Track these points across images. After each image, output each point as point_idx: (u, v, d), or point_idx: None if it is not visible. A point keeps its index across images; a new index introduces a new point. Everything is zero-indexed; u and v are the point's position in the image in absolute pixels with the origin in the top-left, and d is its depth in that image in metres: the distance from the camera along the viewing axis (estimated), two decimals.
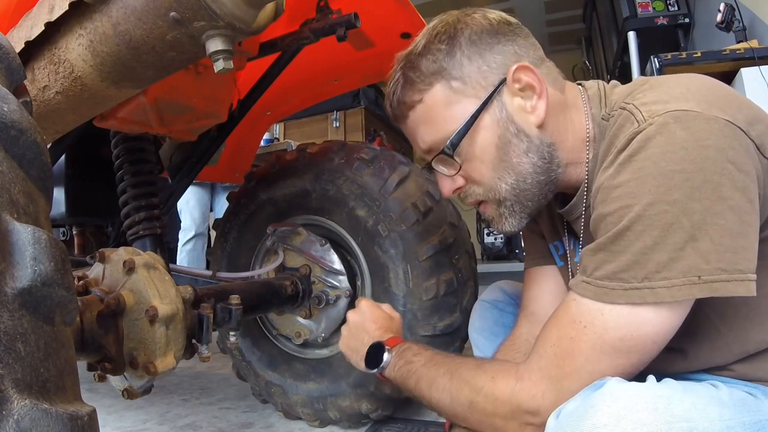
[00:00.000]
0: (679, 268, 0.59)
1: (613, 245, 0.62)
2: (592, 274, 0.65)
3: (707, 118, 0.60)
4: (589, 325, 0.64)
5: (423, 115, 0.77)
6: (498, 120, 0.74)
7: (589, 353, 0.64)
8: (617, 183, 0.63)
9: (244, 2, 0.70)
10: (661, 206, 0.59)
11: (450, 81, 0.74)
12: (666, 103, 0.63)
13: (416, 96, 0.76)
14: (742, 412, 0.61)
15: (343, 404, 1.31)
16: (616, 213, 0.62)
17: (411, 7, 1.22)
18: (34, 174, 0.44)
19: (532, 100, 0.73)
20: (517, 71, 0.72)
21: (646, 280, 0.60)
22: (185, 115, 1.16)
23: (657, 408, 0.56)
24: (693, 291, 0.59)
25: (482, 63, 0.73)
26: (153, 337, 0.80)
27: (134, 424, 1.49)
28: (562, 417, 0.62)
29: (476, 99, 0.74)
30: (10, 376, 0.33)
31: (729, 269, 0.58)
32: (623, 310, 0.62)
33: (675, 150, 0.59)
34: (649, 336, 0.63)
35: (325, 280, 1.33)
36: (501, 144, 0.74)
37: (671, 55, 2.30)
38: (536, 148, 0.74)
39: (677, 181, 0.59)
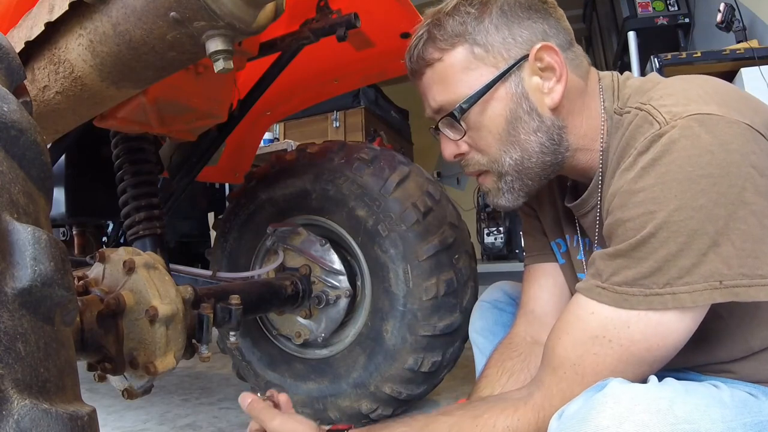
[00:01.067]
0: (700, 273, 0.58)
1: (635, 252, 0.61)
2: (608, 279, 0.63)
3: (729, 121, 0.59)
4: (615, 339, 0.62)
5: (440, 74, 0.76)
6: (513, 94, 0.73)
7: (615, 366, 0.63)
8: (639, 188, 0.61)
9: (244, 2, 0.70)
10: (688, 212, 0.58)
11: (473, 46, 0.73)
12: (686, 105, 0.62)
13: (436, 54, 0.75)
14: (743, 413, 0.61)
15: (343, 404, 1.31)
16: (638, 219, 0.61)
17: (411, 7, 1.22)
18: (34, 174, 0.44)
19: (551, 82, 0.73)
20: (541, 50, 0.72)
21: (668, 285, 0.59)
22: (185, 115, 1.16)
23: (659, 409, 0.56)
24: (714, 296, 0.58)
25: (508, 35, 0.72)
26: (153, 337, 0.80)
27: (134, 424, 1.49)
28: (564, 419, 0.61)
29: (495, 69, 0.73)
30: (10, 376, 0.33)
31: (750, 274, 0.58)
32: (650, 320, 0.61)
33: (701, 154, 0.58)
34: (673, 344, 0.62)
35: (325, 280, 1.33)
36: (511, 118, 0.74)
37: (671, 55, 2.30)
38: (546, 128, 0.74)
39: (704, 186, 0.57)
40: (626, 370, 0.63)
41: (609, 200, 0.66)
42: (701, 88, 0.65)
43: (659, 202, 0.59)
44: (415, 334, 1.22)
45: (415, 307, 1.22)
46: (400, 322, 1.23)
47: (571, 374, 0.65)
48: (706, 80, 0.68)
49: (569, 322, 0.67)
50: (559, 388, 0.66)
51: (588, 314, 0.65)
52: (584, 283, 0.67)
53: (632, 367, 0.63)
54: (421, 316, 1.22)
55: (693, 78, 0.70)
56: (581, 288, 0.67)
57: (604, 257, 0.65)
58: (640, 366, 0.63)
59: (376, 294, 1.28)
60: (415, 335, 1.22)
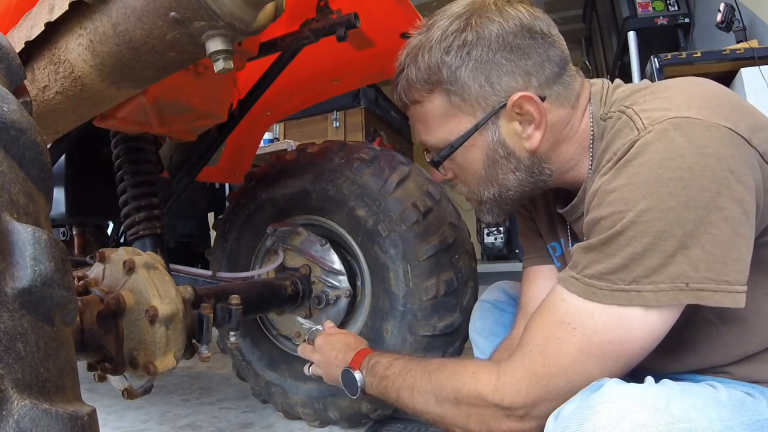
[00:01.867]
0: (667, 274, 0.59)
1: (605, 247, 0.63)
2: (581, 271, 0.65)
3: (708, 125, 0.59)
4: (578, 327, 0.64)
5: (421, 116, 0.78)
6: (489, 143, 0.75)
7: (576, 355, 0.64)
8: (612, 188, 0.63)
9: (244, 2, 0.70)
10: (655, 213, 0.59)
11: (450, 95, 0.73)
12: (666, 110, 0.63)
13: (416, 96, 0.77)
14: (740, 413, 0.61)
15: (343, 404, 1.31)
16: (609, 217, 0.62)
17: (411, 7, 1.22)
18: (34, 174, 0.44)
19: (530, 128, 0.73)
20: (520, 100, 0.71)
21: (634, 283, 0.60)
22: (185, 115, 1.16)
23: (656, 409, 0.56)
24: (679, 297, 0.59)
25: (485, 83, 0.71)
26: (153, 337, 0.80)
27: (134, 424, 1.49)
28: (561, 419, 0.62)
29: (473, 117, 0.74)
30: (10, 376, 0.33)
31: (717, 279, 0.58)
32: (613, 314, 0.62)
33: (673, 157, 0.59)
34: (637, 341, 0.63)
35: (325, 280, 1.33)
36: (488, 163, 0.76)
37: (671, 55, 2.30)
38: (525, 167, 0.76)
39: (673, 189, 0.58)
40: (588, 361, 0.64)
41: (588, 201, 0.68)
42: (688, 92, 0.65)
43: (628, 202, 0.60)
44: (415, 334, 1.22)
45: (415, 307, 1.22)
46: (400, 322, 1.23)
47: (536, 353, 0.67)
48: (696, 84, 0.68)
49: (543, 306, 0.70)
50: (522, 363, 0.69)
51: (559, 301, 0.67)
52: (563, 274, 0.69)
53: (594, 359, 0.64)
54: (421, 316, 1.22)
55: (685, 81, 0.69)
56: (560, 277, 0.69)
57: (580, 250, 0.66)
58: (602, 360, 0.64)
59: (376, 294, 1.28)
60: (415, 335, 1.22)
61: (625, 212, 0.60)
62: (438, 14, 0.76)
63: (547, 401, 0.67)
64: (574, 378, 0.65)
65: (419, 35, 0.77)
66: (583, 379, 0.64)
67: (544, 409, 0.67)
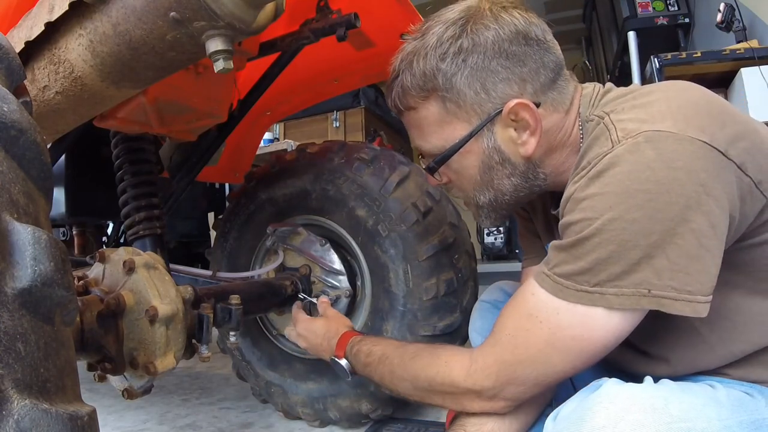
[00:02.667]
0: (630, 280, 0.61)
1: (573, 249, 0.65)
2: (552, 268, 0.67)
3: (680, 138, 0.60)
4: (545, 321, 0.67)
5: (416, 122, 0.79)
6: (484, 149, 0.75)
7: (542, 347, 0.67)
8: (584, 196, 0.64)
9: (244, 2, 0.70)
10: (620, 223, 0.60)
11: (445, 101, 0.74)
12: (642, 123, 0.63)
13: (411, 102, 0.77)
14: (739, 412, 0.62)
15: (343, 404, 1.31)
16: (579, 223, 0.64)
17: (411, 7, 1.22)
18: (34, 174, 0.44)
19: (525, 135, 0.73)
20: (515, 107, 0.71)
21: (598, 286, 0.62)
22: (185, 115, 1.16)
23: (655, 409, 0.56)
24: (642, 302, 0.61)
25: (480, 89, 0.72)
26: (153, 337, 0.80)
27: (134, 424, 1.49)
28: (559, 420, 0.62)
29: (468, 124, 0.74)
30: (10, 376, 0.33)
31: (679, 288, 0.60)
32: (577, 312, 0.64)
33: (641, 170, 0.60)
34: (599, 339, 0.65)
35: (325, 280, 1.33)
36: (484, 169, 0.77)
37: (671, 55, 2.30)
38: (521, 173, 0.76)
39: (639, 201, 0.59)
40: (552, 353, 0.67)
41: (563, 205, 0.70)
42: (667, 101, 0.65)
43: (597, 210, 0.62)
44: (415, 334, 1.22)
45: (415, 307, 1.22)
46: (400, 322, 1.23)
47: (506, 342, 0.71)
48: (679, 91, 0.68)
49: (517, 296, 0.73)
50: (493, 350, 0.73)
51: (530, 294, 0.70)
52: (537, 267, 0.72)
53: (558, 352, 0.67)
54: (421, 316, 1.22)
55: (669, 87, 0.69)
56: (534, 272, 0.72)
57: (553, 248, 0.69)
58: (566, 353, 0.66)
59: (376, 294, 1.28)
60: (415, 335, 1.22)
61: (593, 219, 0.62)
62: (433, 19, 0.76)
63: (515, 386, 0.71)
64: (539, 367, 0.69)
65: (414, 41, 0.76)
66: (547, 368, 0.68)
67: (512, 391, 0.72)
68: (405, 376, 0.84)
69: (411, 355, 0.85)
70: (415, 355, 0.84)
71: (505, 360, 0.71)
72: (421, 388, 0.82)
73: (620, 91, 0.75)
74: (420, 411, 1.42)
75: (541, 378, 0.69)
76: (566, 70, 0.76)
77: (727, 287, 0.66)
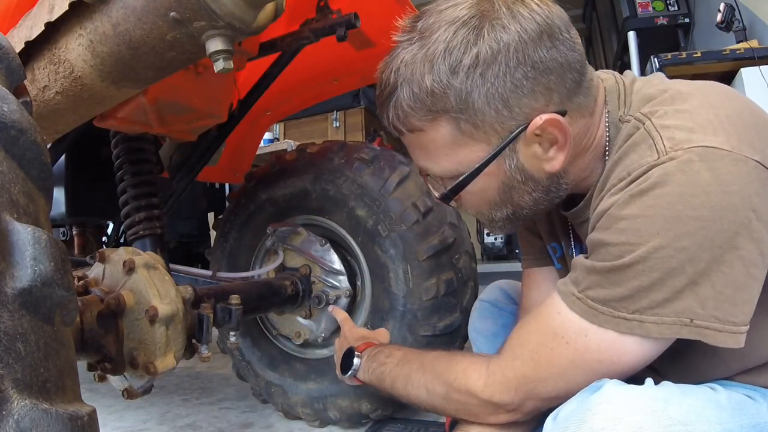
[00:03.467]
0: (672, 308, 0.57)
1: (610, 275, 0.60)
2: (584, 291, 0.63)
3: (736, 159, 0.55)
4: (572, 342, 0.64)
5: (422, 144, 0.67)
6: (505, 170, 0.65)
7: (566, 367, 0.65)
8: (624, 215, 0.58)
9: (244, 2, 0.70)
10: (668, 251, 0.56)
11: (459, 122, 0.62)
12: (691, 133, 0.57)
13: (415, 124, 0.65)
14: (740, 416, 0.61)
15: (343, 404, 1.31)
16: (618, 246, 0.59)
17: (411, 7, 1.22)
18: (34, 174, 0.44)
19: (551, 151, 0.64)
20: (543, 124, 0.61)
21: (637, 313, 0.59)
22: (185, 115, 1.16)
23: (654, 411, 0.56)
24: (682, 332, 0.58)
25: (503, 108, 0.61)
26: (153, 337, 0.80)
27: (134, 424, 1.49)
28: (559, 420, 0.62)
29: (486, 145, 0.63)
30: (10, 376, 0.33)
31: (723, 320, 0.57)
32: (607, 336, 0.62)
33: (696, 194, 0.55)
34: (627, 363, 0.63)
35: (325, 280, 1.33)
36: (503, 189, 0.68)
37: (671, 55, 2.30)
38: (543, 188, 0.68)
39: (691, 228, 0.55)
40: (577, 375, 0.65)
41: (596, 218, 0.64)
42: (714, 109, 0.59)
43: (641, 236, 0.57)
44: (415, 334, 1.22)
45: (415, 307, 1.22)
46: (400, 322, 1.23)
47: (528, 358, 0.68)
48: (720, 95, 0.62)
49: (540, 312, 0.70)
50: (513, 365, 0.70)
51: (555, 313, 0.66)
52: (563, 285, 0.67)
53: (583, 373, 0.64)
54: (421, 316, 1.22)
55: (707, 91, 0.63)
56: (560, 288, 0.68)
57: (584, 269, 0.64)
58: (591, 374, 0.64)
59: (376, 294, 1.28)
60: (415, 335, 1.22)
61: (637, 245, 0.57)
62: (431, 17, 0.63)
63: (534, 401, 0.69)
64: (561, 386, 0.66)
65: (410, 45, 0.63)
66: (569, 387, 0.65)
67: (530, 406, 0.70)
68: (421, 381, 0.81)
69: (430, 360, 0.82)
70: (434, 360, 0.82)
71: (526, 376, 0.68)
72: (436, 394, 0.78)
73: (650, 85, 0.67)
74: (420, 411, 1.42)
75: (562, 393, 0.66)
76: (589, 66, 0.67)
77: None
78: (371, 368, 0.93)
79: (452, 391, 0.76)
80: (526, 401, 0.69)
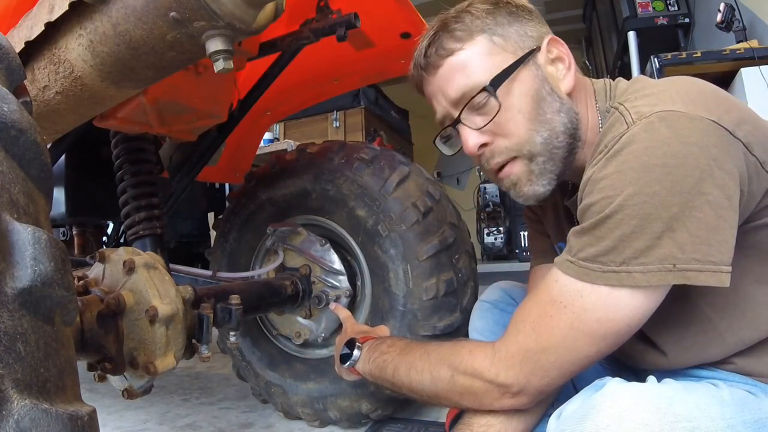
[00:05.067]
0: (655, 255, 0.62)
1: (595, 230, 0.65)
2: (576, 254, 0.68)
3: (691, 117, 0.63)
4: (569, 305, 0.67)
5: (462, 62, 0.78)
6: (535, 76, 0.77)
7: (567, 331, 0.67)
8: (602, 175, 0.65)
9: (244, 2, 0.70)
10: (641, 197, 0.61)
11: (492, 36, 0.78)
12: (654, 105, 0.66)
13: (457, 44, 0.78)
14: (743, 411, 0.62)
15: (343, 404, 1.31)
16: (599, 203, 0.65)
17: (411, 7, 1.22)
18: (34, 174, 0.44)
19: (563, 70, 0.79)
20: (551, 42, 0.79)
21: (624, 264, 0.63)
22: (185, 115, 1.16)
23: (659, 408, 0.56)
24: (668, 277, 0.61)
25: (520, 28, 0.79)
26: (153, 337, 0.80)
27: (134, 424, 1.49)
28: (563, 418, 0.62)
29: (514, 56, 0.78)
30: (10, 376, 0.33)
31: (702, 260, 0.60)
32: (601, 293, 0.65)
33: (657, 145, 0.62)
34: (624, 319, 0.65)
35: (325, 280, 1.33)
36: (537, 98, 0.77)
37: (671, 55, 2.31)
38: (567, 110, 0.77)
39: (658, 175, 0.61)
40: (577, 338, 0.67)
41: (581, 189, 0.71)
42: (676, 89, 0.68)
43: (616, 188, 0.63)
44: (415, 334, 1.22)
45: (415, 307, 1.22)
46: (400, 322, 1.23)
47: (529, 330, 0.71)
48: (686, 82, 0.71)
49: (539, 287, 0.73)
50: (516, 339, 0.72)
51: (553, 281, 0.70)
52: (559, 258, 0.71)
53: (583, 336, 0.67)
54: (421, 316, 1.22)
55: (676, 80, 0.72)
56: (556, 261, 0.72)
57: (575, 233, 0.69)
58: (591, 337, 0.67)
59: (376, 294, 1.28)
60: (415, 335, 1.22)
61: (614, 197, 0.63)
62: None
63: (539, 376, 0.71)
64: (564, 353, 0.68)
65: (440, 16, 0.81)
66: (572, 354, 0.68)
67: (535, 384, 0.71)
68: (425, 367, 0.82)
69: (434, 346, 0.84)
70: (438, 346, 0.84)
71: (528, 348, 0.70)
72: (440, 378, 0.79)
73: (630, 82, 0.79)
74: (420, 411, 1.42)
75: (566, 366, 0.69)
76: None
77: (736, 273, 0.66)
78: (372, 358, 0.93)
79: (458, 374, 0.77)
80: (531, 377, 0.71)
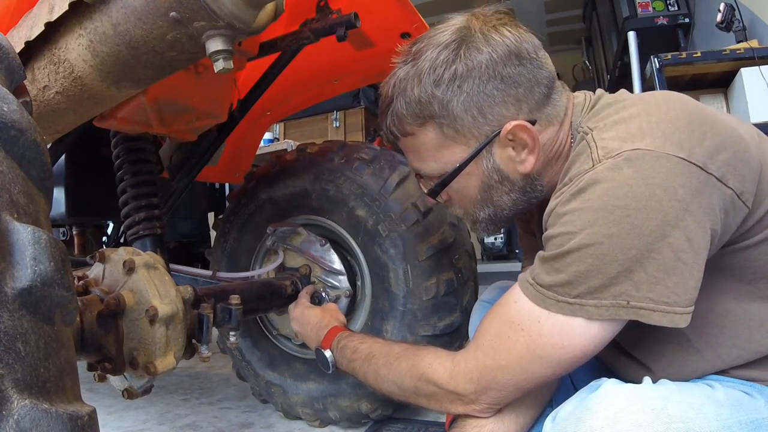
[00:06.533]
0: (609, 292, 0.62)
1: (554, 262, 0.65)
2: (535, 278, 0.68)
3: (657, 156, 0.61)
4: (526, 329, 0.68)
5: (414, 147, 0.79)
6: (484, 170, 0.76)
7: (523, 353, 0.68)
8: (565, 210, 0.65)
9: (244, 2, 0.70)
10: (597, 238, 0.61)
11: (442, 127, 0.74)
12: (622, 141, 0.64)
13: (407, 129, 0.77)
14: (738, 412, 0.62)
15: (343, 404, 1.31)
16: (559, 237, 0.65)
17: (411, 7, 1.22)
18: (34, 174, 0.44)
19: (523, 154, 0.74)
20: (513, 129, 0.72)
21: (578, 297, 0.63)
22: (185, 115, 1.16)
23: (653, 409, 0.56)
24: (620, 312, 0.62)
25: (478, 115, 0.72)
26: (153, 337, 0.80)
27: (134, 424, 1.49)
28: (558, 420, 0.62)
29: (466, 147, 0.74)
30: (10, 376, 0.33)
31: (656, 300, 0.60)
32: (557, 321, 0.65)
33: (619, 187, 0.61)
34: (578, 347, 0.65)
35: (325, 280, 1.33)
36: (483, 188, 0.78)
37: (671, 55, 2.30)
38: (519, 188, 0.77)
39: (617, 216, 0.61)
40: (533, 360, 0.68)
41: (545, 217, 0.71)
42: (648, 115, 0.66)
43: (576, 225, 0.63)
44: (415, 334, 1.22)
45: (415, 307, 1.22)
46: (400, 322, 1.23)
47: (488, 348, 0.72)
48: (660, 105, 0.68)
49: (500, 303, 0.74)
50: (475, 355, 0.74)
51: (512, 302, 0.71)
52: (523, 274, 0.72)
53: (538, 359, 0.67)
54: (421, 316, 1.22)
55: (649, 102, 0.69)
56: (520, 276, 0.73)
57: (538, 258, 0.69)
58: (546, 360, 0.67)
59: (376, 294, 1.28)
60: (415, 335, 1.22)
61: (573, 234, 0.63)
62: (423, 42, 0.75)
63: (495, 390, 0.73)
64: (519, 373, 0.70)
65: (405, 65, 0.75)
66: (527, 375, 0.69)
67: (492, 396, 0.74)
68: (389, 377, 0.85)
69: (396, 356, 0.86)
70: (399, 356, 0.85)
71: (486, 365, 0.72)
72: (406, 388, 0.83)
73: (607, 100, 0.76)
74: (420, 411, 1.42)
75: (522, 383, 0.71)
76: (558, 82, 0.77)
77: (714, 292, 0.66)
78: (343, 363, 0.97)
79: (422, 385, 0.80)
80: (487, 391, 0.73)
